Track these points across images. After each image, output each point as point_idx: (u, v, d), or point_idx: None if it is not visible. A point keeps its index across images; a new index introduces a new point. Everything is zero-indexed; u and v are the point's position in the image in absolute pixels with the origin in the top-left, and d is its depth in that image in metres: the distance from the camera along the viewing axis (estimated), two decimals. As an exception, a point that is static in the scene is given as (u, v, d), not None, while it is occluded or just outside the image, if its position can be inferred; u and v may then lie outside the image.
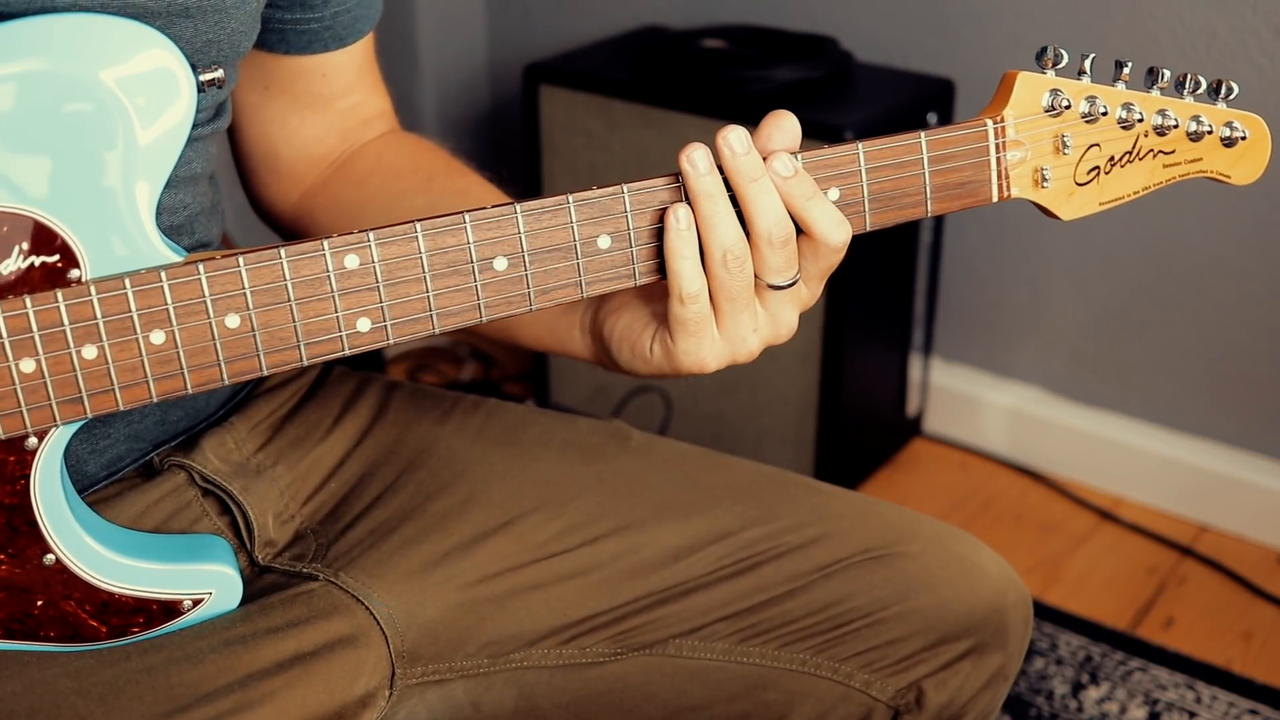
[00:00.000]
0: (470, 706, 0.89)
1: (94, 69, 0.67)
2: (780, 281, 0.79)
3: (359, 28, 0.96)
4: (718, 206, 0.76)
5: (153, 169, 0.70)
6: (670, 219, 0.76)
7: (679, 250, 0.77)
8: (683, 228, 0.76)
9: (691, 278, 0.77)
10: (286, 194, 1.01)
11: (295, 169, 1.00)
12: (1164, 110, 0.88)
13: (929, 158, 0.82)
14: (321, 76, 0.96)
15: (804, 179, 0.77)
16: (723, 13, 2.20)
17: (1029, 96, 0.84)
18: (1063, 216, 0.88)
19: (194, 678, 0.77)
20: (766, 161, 0.77)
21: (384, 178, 0.98)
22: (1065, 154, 0.86)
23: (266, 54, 0.94)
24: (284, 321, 0.72)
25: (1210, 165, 0.91)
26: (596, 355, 0.90)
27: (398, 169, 0.98)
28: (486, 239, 0.74)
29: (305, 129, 0.98)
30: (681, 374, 0.82)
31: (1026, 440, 2.18)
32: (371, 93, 1.01)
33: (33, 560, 0.72)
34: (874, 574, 0.93)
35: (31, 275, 0.67)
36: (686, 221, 0.76)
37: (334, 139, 1.00)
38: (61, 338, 0.68)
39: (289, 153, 0.99)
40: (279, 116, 0.98)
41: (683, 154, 0.76)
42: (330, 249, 0.71)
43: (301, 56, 0.95)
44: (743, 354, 0.81)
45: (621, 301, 0.86)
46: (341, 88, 0.98)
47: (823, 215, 0.78)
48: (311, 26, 0.93)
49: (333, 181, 0.99)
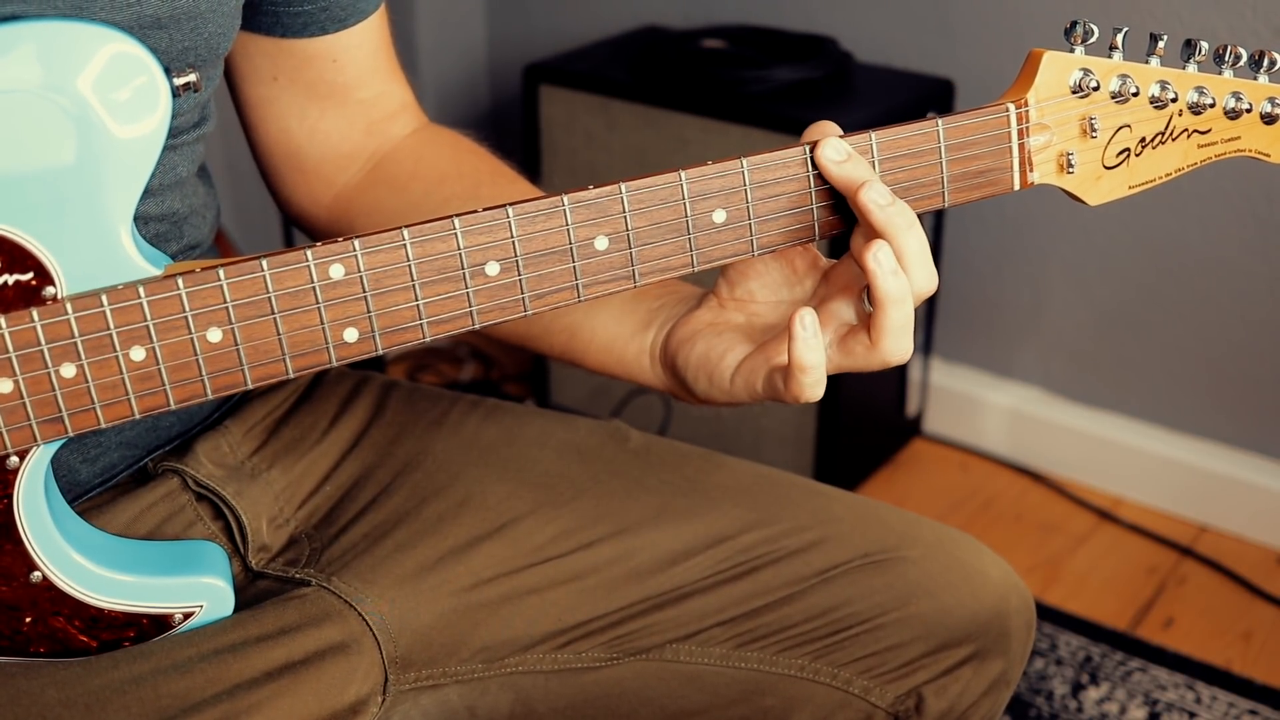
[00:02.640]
0: (465, 712, 0.88)
1: (64, 77, 0.65)
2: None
3: (360, 7, 0.93)
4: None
5: (128, 179, 0.68)
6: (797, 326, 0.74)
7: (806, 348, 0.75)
8: (809, 334, 0.75)
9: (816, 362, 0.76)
10: (318, 196, 0.98)
11: (323, 168, 0.97)
12: (1200, 87, 0.84)
13: (946, 146, 0.79)
14: (332, 63, 0.93)
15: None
16: (723, 13, 2.20)
17: (1055, 77, 0.81)
18: (1090, 202, 0.84)
19: (182, 688, 0.76)
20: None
21: (427, 182, 0.95)
22: (1093, 137, 0.82)
23: (265, 38, 0.91)
24: (268, 335, 0.70)
25: (1249, 144, 0.87)
26: (669, 385, 0.88)
27: (441, 173, 0.95)
28: (478, 244, 0.72)
29: (326, 122, 0.96)
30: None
31: (1026, 440, 2.17)
32: (391, 83, 0.98)
33: (19, 578, 0.72)
34: (874, 579, 0.93)
35: (5, 294, 0.66)
36: (813, 329, 0.75)
37: (359, 134, 0.97)
38: (39, 357, 0.66)
39: (313, 150, 0.96)
40: (296, 110, 0.95)
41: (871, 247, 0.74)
42: (314, 259, 0.69)
43: (303, 40, 0.92)
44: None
45: (693, 330, 0.84)
46: (357, 76, 0.95)
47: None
48: (305, 8, 0.90)
49: (370, 185, 0.97)
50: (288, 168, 0.98)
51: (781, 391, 0.78)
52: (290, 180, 0.99)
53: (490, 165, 0.97)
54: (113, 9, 0.72)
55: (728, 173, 0.76)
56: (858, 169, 0.76)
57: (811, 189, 0.77)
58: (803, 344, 0.74)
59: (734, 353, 0.82)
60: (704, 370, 0.83)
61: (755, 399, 0.81)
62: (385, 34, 0.97)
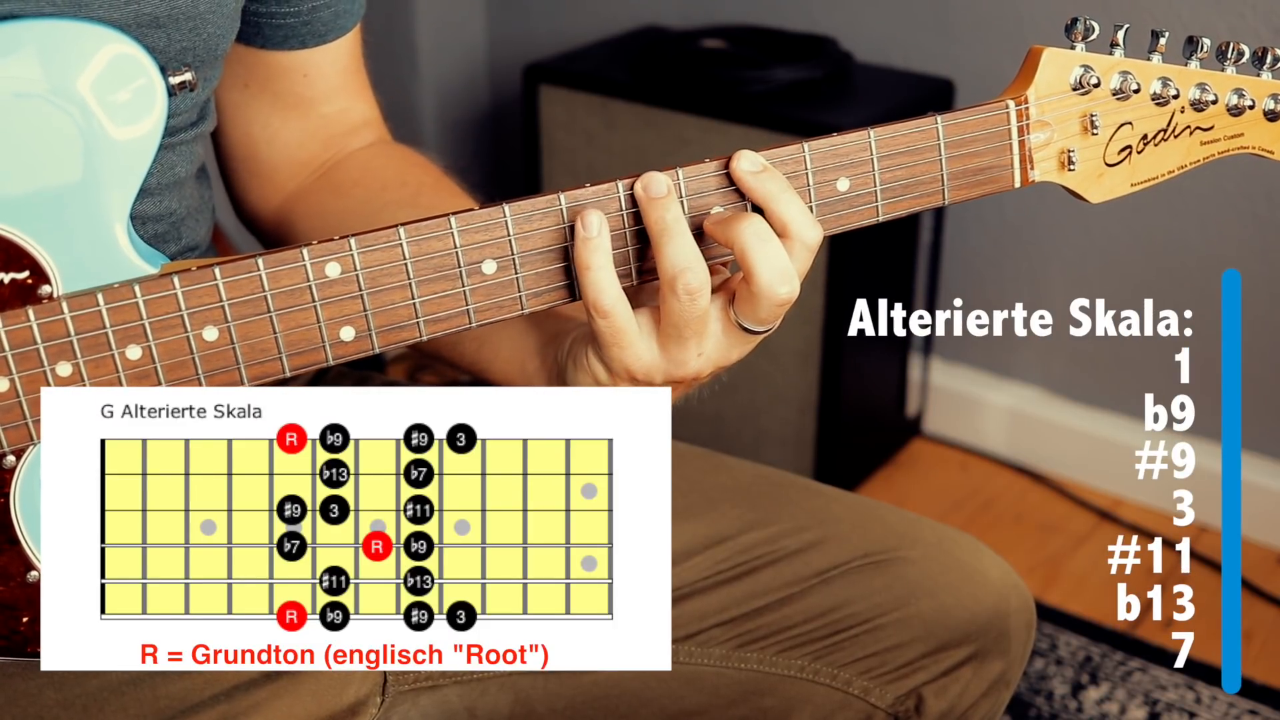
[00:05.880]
0: (465, 712, 0.88)
1: (59, 76, 0.65)
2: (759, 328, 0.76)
3: (340, 24, 0.94)
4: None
5: (124, 178, 0.68)
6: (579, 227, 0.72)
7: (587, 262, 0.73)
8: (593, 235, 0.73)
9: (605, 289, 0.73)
10: (267, 198, 0.99)
11: (277, 173, 0.98)
12: (1203, 84, 0.83)
13: (945, 143, 0.79)
14: (303, 77, 0.94)
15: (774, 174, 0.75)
16: (723, 13, 2.20)
17: (1055, 74, 0.80)
18: (1091, 199, 0.84)
19: (179, 689, 0.76)
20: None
21: (368, 189, 0.96)
22: (1094, 134, 0.82)
23: (243, 47, 0.92)
24: (264, 333, 0.70)
25: (1252, 141, 0.86)
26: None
27: (384, 181, 0.96)
28: (474, 243, 0.72)
29: (286, 131, 0.97)
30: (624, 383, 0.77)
31: (1026, 440, 2.17)
32: (357, 99, 0.99)
33: (16, 577, 0.71)
34: (874, 579, 0.93)
35: (1, 293, 0.66)
36: (596, 228, 0.73)
37: (317, 145, 0.98)
38: (35, 356, 0.66)
39: (269, 155, 0.97)
40: (260, 116, 0.96)
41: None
42: (310, 257, 0.69)
43: (280, 53, 0.92)
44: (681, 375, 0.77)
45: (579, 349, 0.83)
46: (325, 91, 0.96)
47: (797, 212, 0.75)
48: (288, 21, 0.90)
49: (315, 189, 0.98)
50: (244, 170, 0.99)
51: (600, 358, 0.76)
52: (244, 182, 0.99)
53: (434, 177, 0.97)
54: (110, 7, 0.72)
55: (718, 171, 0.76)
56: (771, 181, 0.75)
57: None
58: (582, 243, 0.72)
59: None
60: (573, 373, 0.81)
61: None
62: (357, 52, 0.98)
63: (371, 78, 1.02)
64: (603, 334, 0.74)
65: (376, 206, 0.94)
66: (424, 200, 0.94)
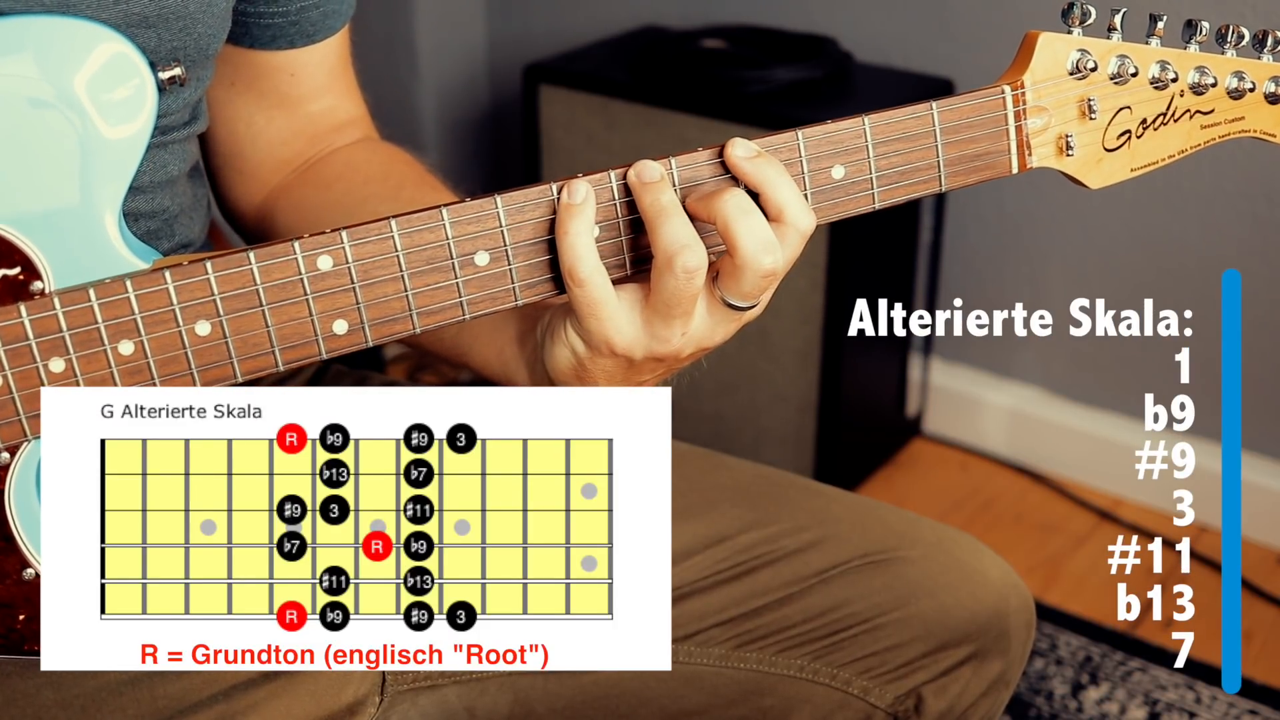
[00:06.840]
0: (465, 712, 0.88)
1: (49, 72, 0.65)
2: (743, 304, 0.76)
3: (329, 24, 0.93)
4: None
5: (115, 174, 0.68)
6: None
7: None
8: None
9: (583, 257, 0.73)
10: (251, 195, 0.99)
11: (260, 170, 0.98)
12: (1201, 67, 0.83)
13: (941, 129, 0.79)
14: (289, 76, 0.94)
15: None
16: (722, 13, 2.20)
17: (1051, 59, 0.80)
18: (1090, 185, 0.83)
19: (178, 689, 0.76)
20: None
21: (350, 183, 0.95)
22: (1092, 119, 0.81)
23: (230, 46, 0.92)
24: (257, 327, 0.70)
25: (1253, 124, 0.85)
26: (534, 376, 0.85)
27: (366, 176, 0.96)
28: (466, 234, 0.72)
29: (271, 129, 0.96)
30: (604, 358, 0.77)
31: (1026, 440, 2.17)
32: (344, 98, 0.99)
33: (11, 575, 0.71)
34: (873, 579, 0.93)
35: None
36: (581, 195, 0.72)
37: (302, 142, 0.97)
38: (27, 352, 0.66)
39: (254, 153, 0.97)
40: (245, 114, 0.96)
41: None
42: (302, 250, 0.69)
43: (267, 52, 0.92)
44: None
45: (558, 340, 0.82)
46: (311, 90, 0.96)
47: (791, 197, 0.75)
48: (276, 21, 0.90)
49: (297, 183, 0.97)
50: (229, 167, 0.98)
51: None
52: (228, 178, 0.99)
53: (417, 173, 0.97)
54: (99, 6, 0.72)
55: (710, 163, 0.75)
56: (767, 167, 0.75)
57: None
58: (564, 209, 0.72)
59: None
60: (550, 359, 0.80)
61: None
62: (345, 51, 0.98)
63: (372, 78, 1.02)
64: (579, 303, 0.74)
65: (358, 200, 0.94)
66: (406, 195, 0.93)
